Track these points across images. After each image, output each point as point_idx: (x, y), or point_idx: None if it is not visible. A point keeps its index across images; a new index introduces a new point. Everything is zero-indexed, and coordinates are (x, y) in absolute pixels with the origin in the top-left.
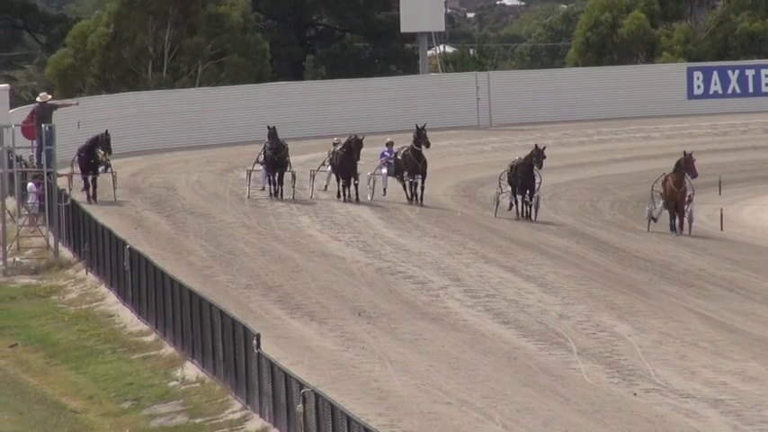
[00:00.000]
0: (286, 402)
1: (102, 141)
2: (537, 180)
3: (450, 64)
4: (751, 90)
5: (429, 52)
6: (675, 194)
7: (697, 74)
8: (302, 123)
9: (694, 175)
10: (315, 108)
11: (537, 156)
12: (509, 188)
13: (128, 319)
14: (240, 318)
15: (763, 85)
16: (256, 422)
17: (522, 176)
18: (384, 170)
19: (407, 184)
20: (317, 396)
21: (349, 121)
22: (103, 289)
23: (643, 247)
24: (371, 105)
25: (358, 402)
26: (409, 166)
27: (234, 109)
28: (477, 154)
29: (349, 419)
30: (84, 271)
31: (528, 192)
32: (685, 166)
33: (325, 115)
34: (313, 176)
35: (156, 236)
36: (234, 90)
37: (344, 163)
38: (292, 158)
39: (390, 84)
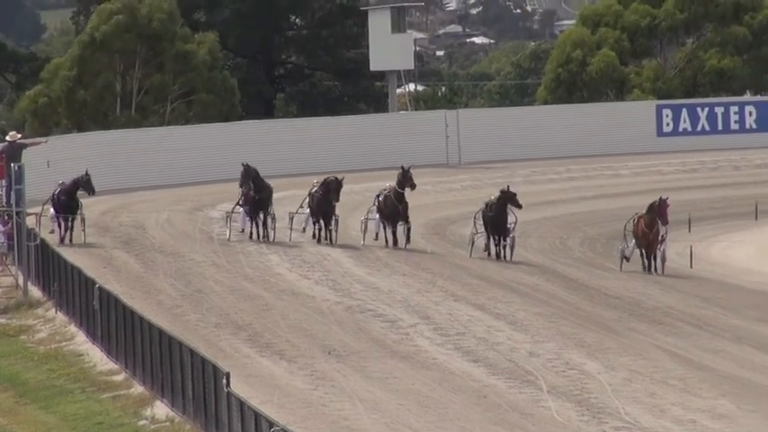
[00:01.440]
0: None
1: (83, 183)
2: (512, 219)
3: (422, 102)
4: (720, 127)
5: (398, 90)
6: (648, 236)
7: (666, 111)
8: (272, 162)
9: (665, 222)
10: (284, 146)
11: (509, 200)
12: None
13: (97, 358)
14: (210, 357)
15: (732, 122)
16: None
17: (496, 216)
18: (377, 215)
19: (385, 229)
20: None
21: (318, 159)
22: (73, 328)
23: (612, 284)
24: (341, 143)
25: None
26: (389, 208)
27: (203, 148)
28: (446, 192)
29: None
30: (53, 310)
31: (499, 232)
32: (658, 210)
33: (295, 153)
34: (292, 219)
35: (125, 275)
36: (203, 129)
37: (322, 205)
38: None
39: (360, 122)
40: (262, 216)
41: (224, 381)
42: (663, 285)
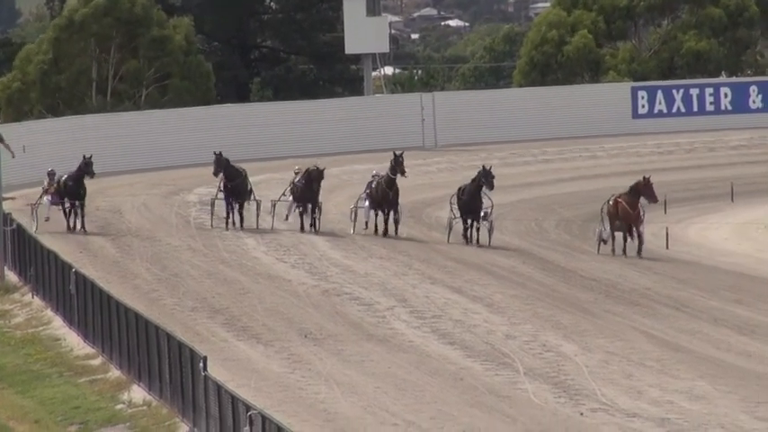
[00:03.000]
0: (233, 425)
1: (85, 167)
2: (487, 204)
3: (397, 85)
4: (695, 109)
5: (374, 73)
6: (630, 216)
7: (641, 93)
8: (247, 146)
9: (654, 201)
10: (260, 130)
11: (485, 177)
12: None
13: (74, 342)
14: (187, 341)
15: (707, 103)
16: None
17: (468, 200)
18: (367, 203)
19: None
20: (264, 418)
21: (294, 142)
22: (50, 313)
23: (589, 266)
24: (316, 127)
25: (305, 424)
26: (380, 194)
27: (179, 132)
28: (422, 175)
29: None
30: (30, 295)
31: (473, 216)
32: (645, 191)
33: (271, 137)
34: (274, 207)
35: (101, 259)
36: (179, 113)
37: (305, 194)
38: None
39: (335, 105)
40: (238, 204)
41: (201, 365)
42: (639, 267)
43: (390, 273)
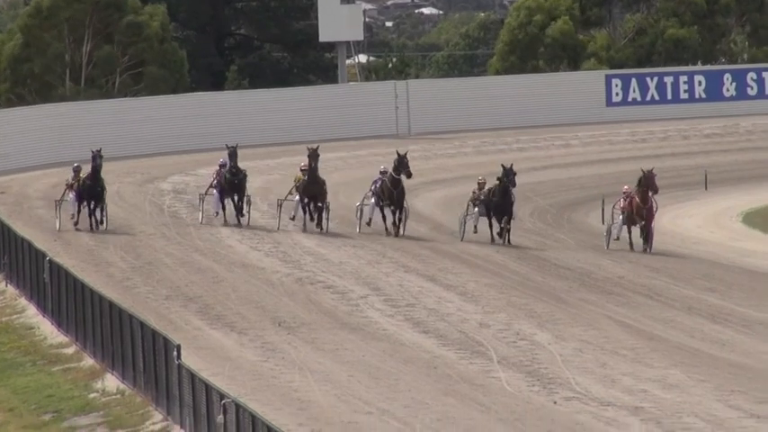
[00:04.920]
0: (207, 413)
1: (93, 161)
2: (513, 201)
3: (372, 73)
4: (669, 97)
5: (348, 61)
6: (642, 211)
7: (615, 81)
8: (221, 134)
9: (655, 191)
10: (234, 118)
11: (508, 175)
12: (476, 210)
13: (48, 331)
14: (160, 329)
15: (681, 91)
16: None
17: (500, 201)
18: (373, 200)
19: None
20: (238, 407)
21: (268, 130)
22: (23, 301)
23: (563, 255)
24: (290, 115)
25: (278, 413)
26: (385, 194)
27: (153, 120)
28: None
29: (269, 430)
30: (3, 283)
31: (505, 216)
32: (646, 182)
33: (245, 125)
34: (280, 206)
35: (75, 247)
36: (153, 101)
37: (310, 188)
38: (212, 169)
39: (309, 93)
40: (236, 198)
41: (175, 353)
42: (613, 256)
43: (364, 261)
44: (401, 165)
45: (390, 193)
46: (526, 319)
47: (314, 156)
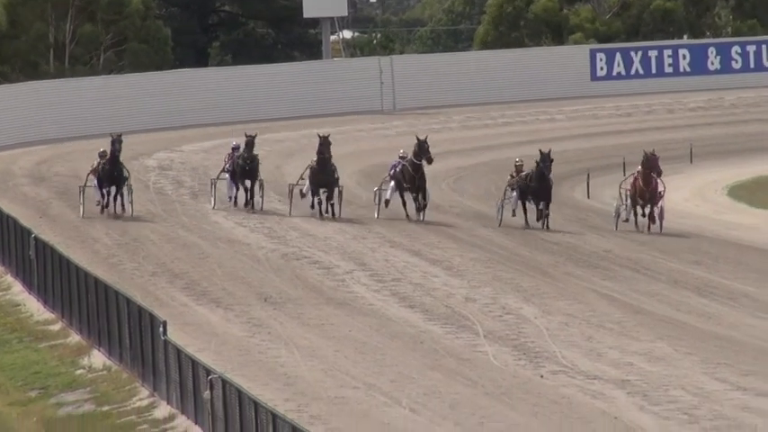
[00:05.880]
0: (193, 389)
1: (112, 146)
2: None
3: (356, 49)
4: (654, 71)
5: (332, 37)
6: (645, 193)
7: (600, 55)
8: (206, 110)
9: (659, 174)
10: (218, 95)
11: (544, 161)
12: (513, 195)
13: (34, 308)
14: (146, 305)
15: (666, 65)
16: (164, 409)
17: (537, 185)
18: (392, 184)
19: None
20: (224, 382)
21: (252, 106)
22: (9, 278)
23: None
24: (275, 91)
25: (265, 388)
26: (406, 179)
27: (138, 96)
28: (381, 138)
29: (256, 405)
30: None
31: (545, 200)
32: (649, 164)
33: (229, 102)
34: (291, 192)
35: (61, 224)
36: (137, 78)
37: (319, 176)
38: (197, 145)
39: (294, 69)
40: (249, 183)
41: (161, 329)
42: (600, 230)
43: (349, 236)
44: (422, 150)
45: (412, 179)
46: (512, 294)
47: (326, 143)
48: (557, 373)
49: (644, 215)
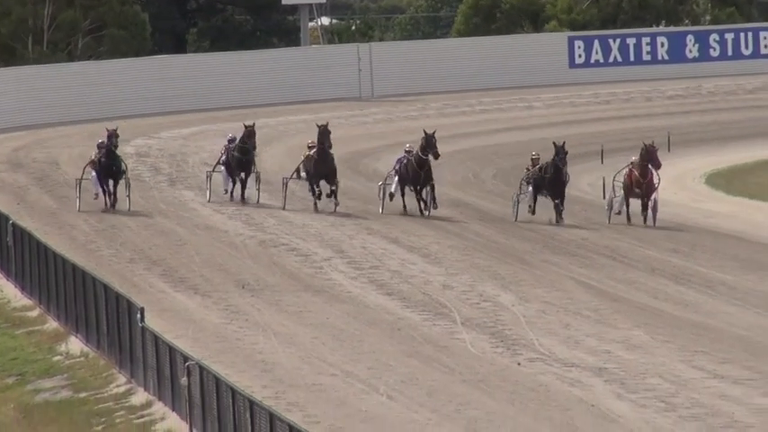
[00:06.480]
0: (171, 375)
1: (108, 140)
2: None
3: (335, 36)
4: (632, 59)
5: (310, 24)
6: (641, 185)
7: (578, 43)
8: (184, 96)
9: (658, 166)
10: (196, 81)
11: (559, 153)
12: (530, 189)
13: (11, 294)
14: (124, 292)
15: (644, 53)
16: (141, 396)
17: (553, 178)
18: (396, 178)
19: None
20: (202, 369)
21: (231, 93)
22: None
23: (526, 216)
24: (253, 78)
25: (242, 375)
26: (410, 174)
27: (116, 82)
28: (359, 125)
29: (233, 392)
30: None
31: (559, 192)
32: (647, 156)
33: (207, 88)
34: (286, 184)
35: (38, 211)
36: (115, 64)
37: (320, 167)
38: (175, 132)
39: (272, 56)
40: (243, 176)
41: (138, 316)
42: (577, 218)
43: (327, 223)
44: (429, 144)
45: (416, 174)
46: (489, 281)
47: (325, 133)
48: (534, 360)
49: (644, 207)
